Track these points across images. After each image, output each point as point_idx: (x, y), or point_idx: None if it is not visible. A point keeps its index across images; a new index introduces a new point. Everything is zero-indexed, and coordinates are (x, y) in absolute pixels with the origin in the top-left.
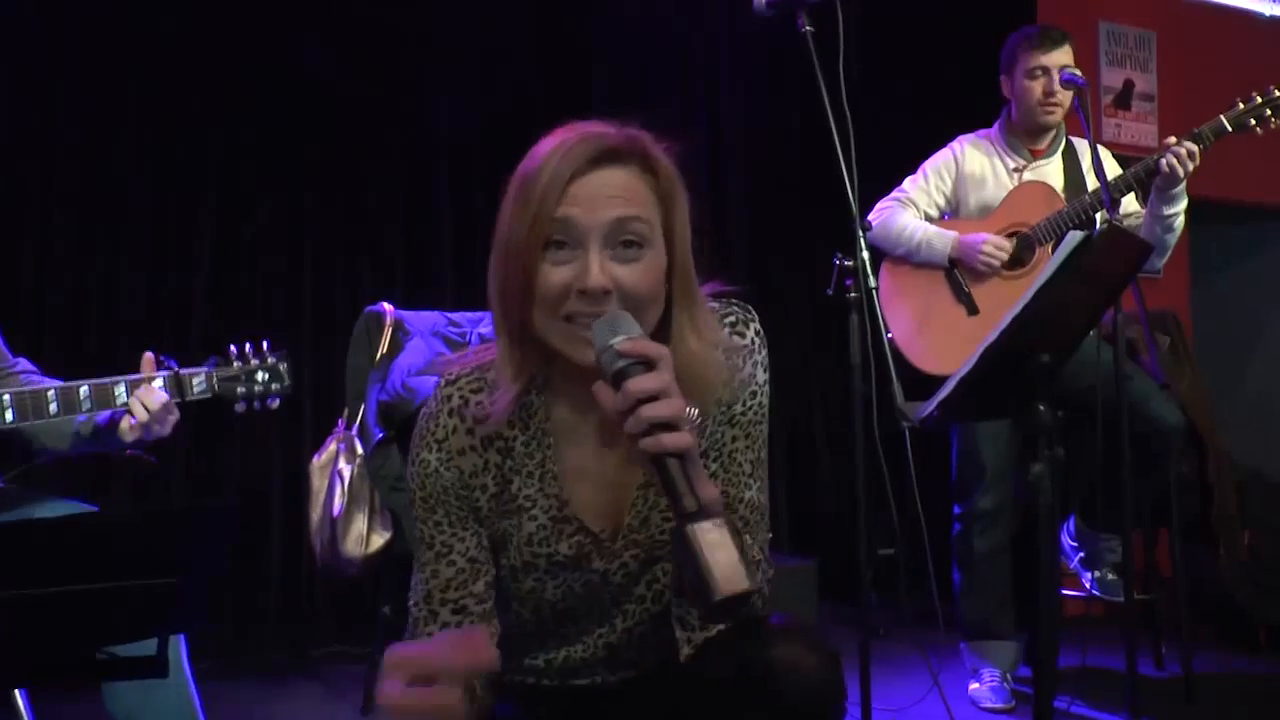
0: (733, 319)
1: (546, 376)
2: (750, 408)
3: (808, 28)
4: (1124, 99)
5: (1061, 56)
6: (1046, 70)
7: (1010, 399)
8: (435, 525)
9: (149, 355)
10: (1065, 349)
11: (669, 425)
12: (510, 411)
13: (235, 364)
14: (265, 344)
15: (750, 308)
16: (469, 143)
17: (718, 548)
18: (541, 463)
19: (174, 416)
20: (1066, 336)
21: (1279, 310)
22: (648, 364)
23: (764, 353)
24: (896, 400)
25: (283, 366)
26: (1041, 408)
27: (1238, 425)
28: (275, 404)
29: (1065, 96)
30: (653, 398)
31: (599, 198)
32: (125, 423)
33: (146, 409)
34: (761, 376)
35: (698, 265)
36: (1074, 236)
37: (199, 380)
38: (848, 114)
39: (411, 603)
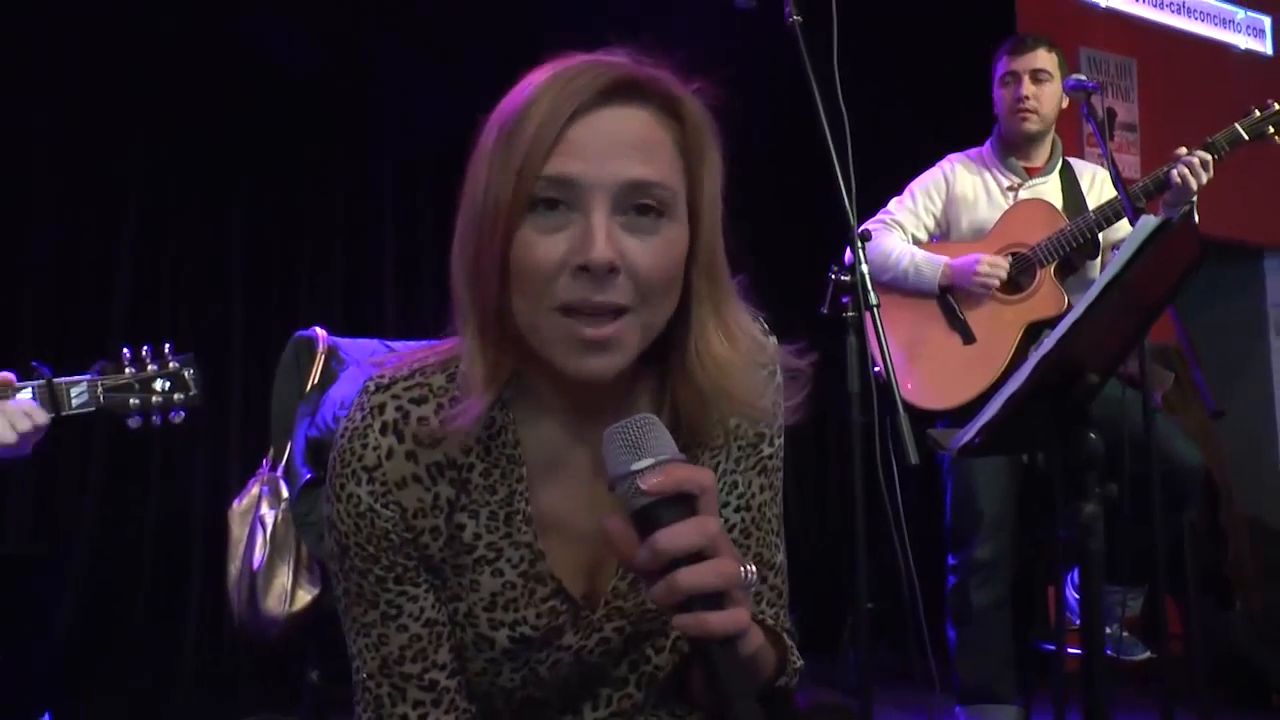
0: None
1: (517, 386)
2: (777, 449)
3: (795, 17)
4: (1106, 128)
5: (1031, 60)
6: (1016, 76)
7: (1053, 426)
8: (377, 581)
9: (6, 375)
10: (1108, 370)
11: (716, 599)
12: (478, 430)
13: (127, 370)
14: (167, 347)
15: (763, 320)
16: (415, 160)
17: None
18: (508, 500)
19: (34, 433)
20: (1111, 354)
21: (1256, 352)
22: (685, 500)
23: (782, 378)
24: (904, 429)
25: (188, 373)
26: (1092, 435)
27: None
28: (179, 418)
29: (1042, 102)
30: (696, 554)
31: (610, 146)
32: None
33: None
34: (782, 406)
35: None
36: (1148, 220)
37: (79, 391)
38: (843, 108)
39: (364, 675)
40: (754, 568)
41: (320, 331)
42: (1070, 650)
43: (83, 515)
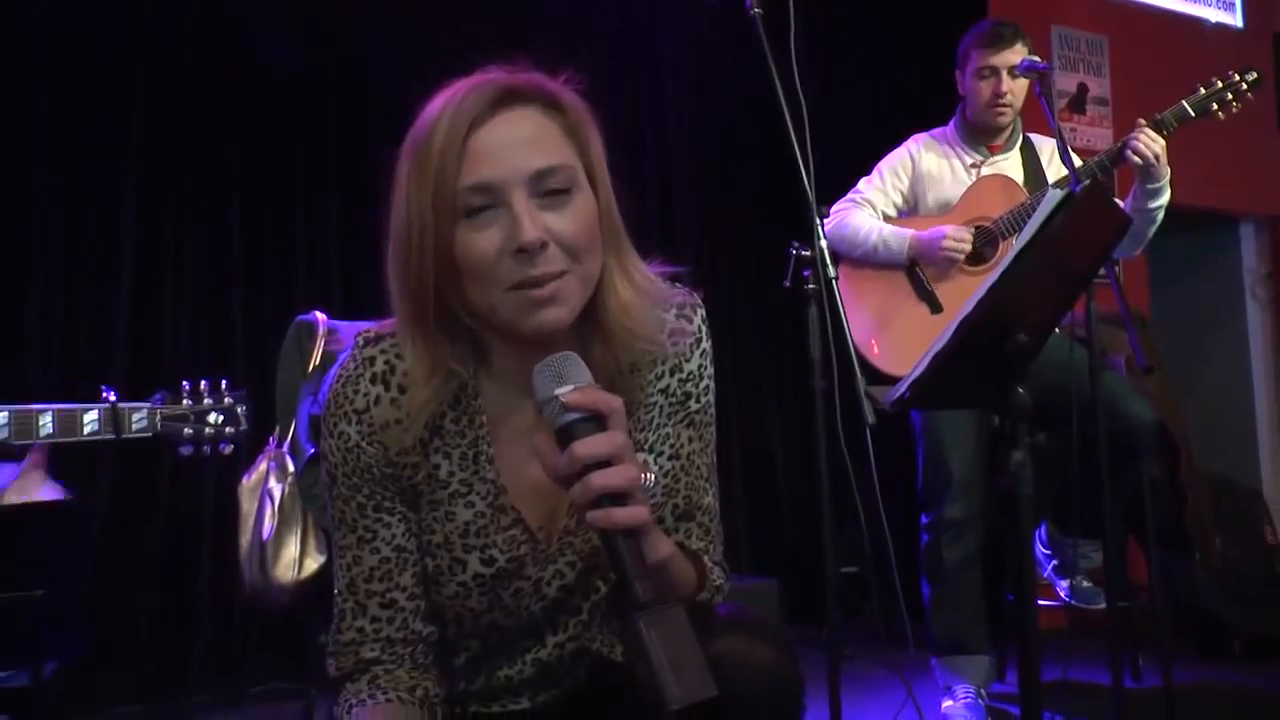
0: (678, 301)
1: (476, 357)
2: (704, 405)
3: (756, 10)
4: (1078, 103)
5: (1011, 56)
6: (995, 71)
7: (985, 383)
8: (358, 508)
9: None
10: (1040, 331)
11: (621, 497)
12: (428, 416)
13: (185, 402)
14: (224, 383)
15: (695, 293)
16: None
17: (676, 647)
18: (474, 443)
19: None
20: (1041, 317)
21: (1233, 317)
22: (598, 419)
23: (709, 343)
24: (860, 391)
25: (240, 409)
26: (1020, 390)
27: (1195, 431)
28: (228, 450)
29: (1017, 95)
30: (604, 463)
31: (510, 146)
32: None
33: None
34: (710, 370)
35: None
36: (1055, 194)
37: (140, 416)
38: (800, 95)
39: (335, 591)
40: (653, 475)
41: (320, 315)
42: (1040, 602)
43: (96, 491)
